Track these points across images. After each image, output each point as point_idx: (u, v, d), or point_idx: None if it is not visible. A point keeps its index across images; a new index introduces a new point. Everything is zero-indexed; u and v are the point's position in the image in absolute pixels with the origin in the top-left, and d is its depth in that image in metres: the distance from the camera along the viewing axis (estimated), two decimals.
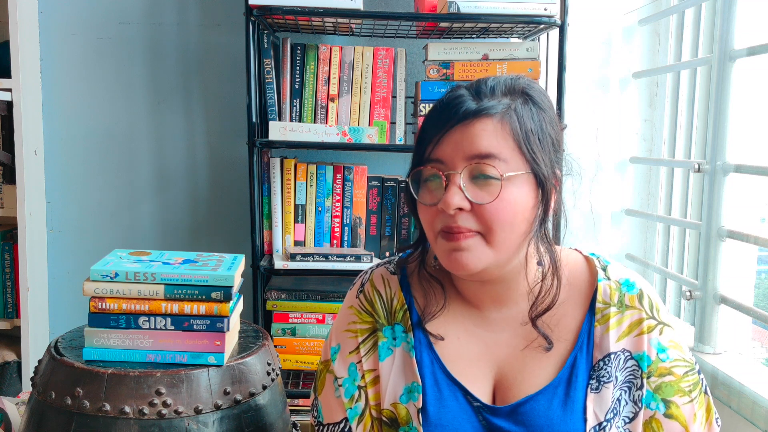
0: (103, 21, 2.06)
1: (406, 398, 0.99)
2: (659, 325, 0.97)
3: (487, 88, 0.94)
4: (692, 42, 1.95)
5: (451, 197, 0.90)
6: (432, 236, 0.95)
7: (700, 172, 1.68)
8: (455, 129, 0.92)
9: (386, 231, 1.93)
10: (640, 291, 0.99)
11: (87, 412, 1.03)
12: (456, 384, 0.98)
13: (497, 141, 0.91)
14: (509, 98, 0.94)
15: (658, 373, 0.95)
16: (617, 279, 0.99)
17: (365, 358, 1.02)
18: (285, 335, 1.84)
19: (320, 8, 1.72)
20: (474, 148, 0.90)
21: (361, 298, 1.06)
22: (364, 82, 1.86)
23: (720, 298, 1.64)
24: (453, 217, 0.90)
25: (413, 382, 0.99)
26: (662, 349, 0.96)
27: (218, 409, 1.07)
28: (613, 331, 0.96)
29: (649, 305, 0.98)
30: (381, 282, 1.06)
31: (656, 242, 2.11)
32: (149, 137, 2.11)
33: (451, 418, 0.97)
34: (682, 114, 1.99)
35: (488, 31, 1.91)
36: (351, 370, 1.02)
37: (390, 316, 1.03)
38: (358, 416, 1.01)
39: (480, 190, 0.91)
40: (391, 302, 1.04)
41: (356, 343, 1.03)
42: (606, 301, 0.98)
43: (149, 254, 1.21)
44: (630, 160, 2.13)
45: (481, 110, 0.91)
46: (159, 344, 1.11)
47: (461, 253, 0.91)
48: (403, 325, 1.02)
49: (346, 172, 1.90)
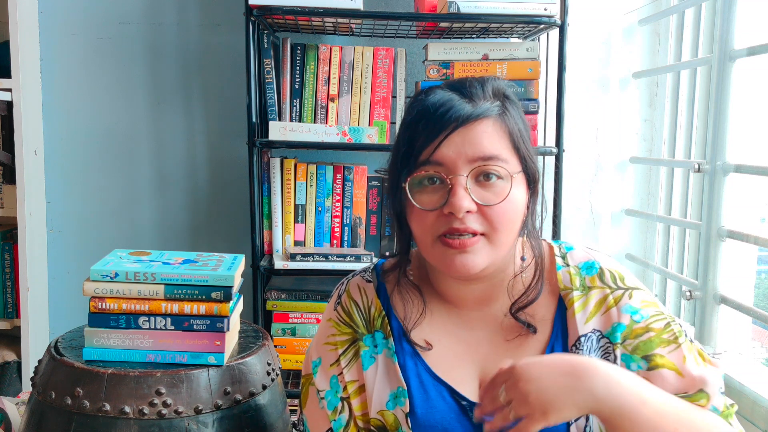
0: (103, 21, 2.06)
1: (393, 404, 0.99)
2: (627, 291, 0.97)
3: (477, 90, 0.95)
4: (692, 42, 1.95)
5: (459, 200, 0.90)
6: (429, 241, 0.94)
7: (700, 172, 1.68)
8: (456, 132, 0.91)
9: (386, 231, 1.93)
10: (600, 268, 1.00)
11: (87, 412, 1.03)
12: (442, 384, 0.99)
13: (498, 142, 0.92)
14: (498, 99, 0.95)
15: (633, 335, 0.94)
16: (576, 264, 1.01)
17: (346, 369, 1.02)
18: (285, 335, 1.84)
19: (320, 8, 1.72)
20: (478, 150, 0.91)
21: (339, 310, 1.06)
22: (364, 82, 1.86)
23: (720, 298, 1.64)
24: (460, 219, 0.90)
25: (398, 388, 0.99)
26: (635, 311, 0.96)
27: (218, 409, 1.07)
28: (579, 314, 0.97)
29: (611, 279, 0.99)
30: (357, 291, 1.06)
31: (656, 242, 2.11)
32: (149, 137, 2.11)
33: (440, 418, 0.97)
34: (682, 114, 1.99)
35: (488, 31, 1.91)
36: (332, 383, 1.02)
37: (369, 325, 1.04)
38: (343, 428, 1.01)
39: (485, 192, 0.92)
40: (369, 310, 1.04)
41: (336, 356, 1.03)
42: (567, 286, 0.99)
43: (149, 254, 1.21)
44: (630, 160, 2.13)
45: (479, 113, 0.92)
46: (159, 344, 1.11)
47: (465, 256, 0.91)
48: (383, 332, 1.02)
49: (346, 172, 1.90)
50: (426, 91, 0.98)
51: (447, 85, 0.97)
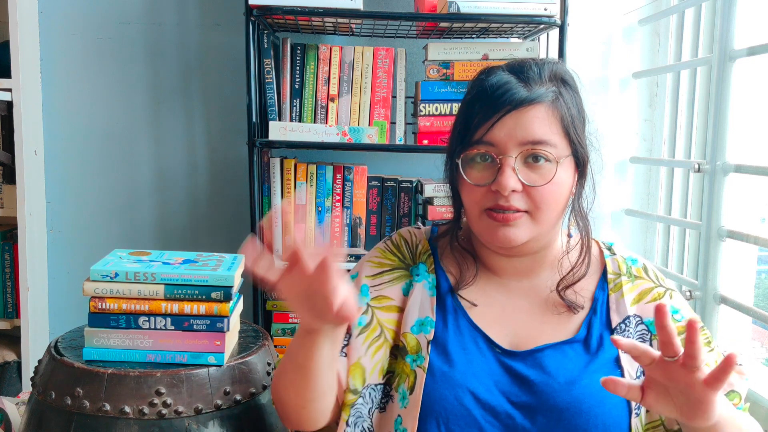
0: (103, 21, 2.06)
1: (418, 330, 1.03)
2: (667, 290, 1.06)
3: (534, 74, 0.98)
4: (692, 42, 1.95)
5: (506, 180, 0.95)
6: (476, 213, 1.00)
7: (700, 172, 1.68)
8: (509, 115, 0.96)
9: (386, 231, 1.93)
10: (644, 265, 1.09)
11: (87, 412, 1.03)
12: (478, 332, 1.02)
13: (549, 127, 0.97)
14: (554, 84, 0.99)
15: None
16: (622, 255, 1.09)
17: (384, 285, 1.07)
18: (285, 335, 1.84)
19: (320, 8, 1.72)
20: (528, 134, 0.96)
21: (387, 243, 1.13)
22: (364, 82, 1.86)
23: (720, 298, 1.64)
24: (505, 197, 0.96)
25: (427, 317, 1.03)
26: (676, 311, 1.04)
27: (218, 409, 1.07)
28: (628, 296, 1.05)
29: (654, 276, 1.08)
30: (408, 233, 1.13)
31: (656, 242, 2.11)
32: (149, 137, 2.11)
33: (472, 358, 1.00)
34: (682, 114, 1.99)
35: (488, 31, 1.91)
36: (363, 289, 1.08)
37: (415, 257, 1.10)
38: (362, 326, 1.05)
39: (532, 173, 0.97)
40: (417, 247, 1.11)
41: (375, 271, 1.09)
42: (616, 272, 1.07)
43: (149, 254, 1.21)
44: (630, 160, 2.13)
45: (534, 98, 0.96)
46: (159, 344, 1.11)
47: (508, 229, 0.97)
48: (426, 266, 1.08)
49: (346, 172, 1.90)
50: (488, 70, 1.02)
51: (507, 67, 1.01)
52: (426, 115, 1.85)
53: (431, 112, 1.85)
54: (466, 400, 0.97)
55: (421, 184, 1.93)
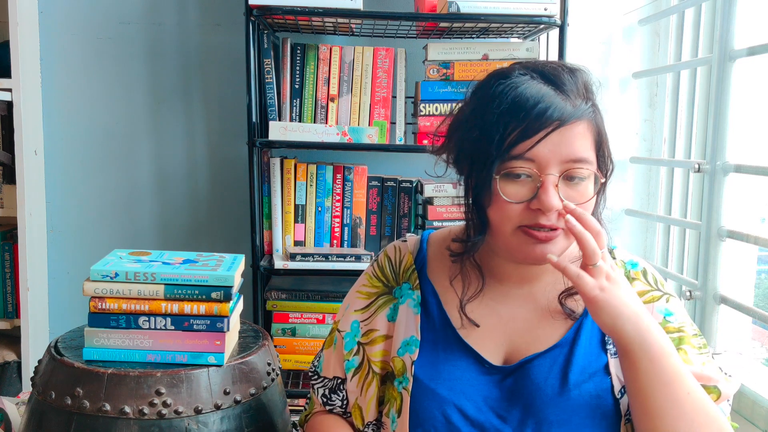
0: (103, 21, 2.06)
1: (403, 351, 1.03)
2: (665, 294, 1.04)
3: (572, 86, 0.94)
4: (692, 42, 1.95)
5: (550, 199, 0.91)
6: (508, 230, 0.95)
7: (700, 172, 1.68)
8: (555, 132, 0.91)
9: (386, 231, 1.93)
10: (644, 269, 1.06)
11: (87, 412, 1.03)
12: (466, 347, 1.01)
13: (588, 144, 0.94)
14: (589, 97, 0.96)
15: (666, 332, 0.96)
16: (622, 259, 1.06)
17: (372, 317, 1.08)
18: (285, 335, 1.84)
19: (320, 8, 1.72)
20: (571, 152, 0.92)
21: (374, 267, 1.13)
22: (364, 82, 1.86)
23: (720, 298, 1.64)
24: (546, 216, 0.92)
25: (411, 336, 1.03)
26: (669, 313, 1.02)
27: (218, 409, 1.07)
28: None
29: (653, 280, 1.05)
30: (393, 250, 1.13)
31: (656, 242, 2.11)
32: (149, 137, 2.11)
33: (460, 375, 1.00)
34: (682, 114, 1.99)
35: (488, 31, 1.91)
36: (353, 326, 1.09)
37: (398, 277, 1.09)
38: (354, 368, 1.07)
39: (570, 191, 0.93)
40: (400, 264, 1.10)
41: (363, 303, 1.10)
42: None
43: (149, 254, 1.21)
44: (630, 160, 2.13)
45: (578, 115, 0.93)
46: (159, 344, 1.11)
47: (545, 246, 0.94)
48: (410, 283, 1.07)
49: (346, 172, 1.90)
50: (509, 74, 0.95)
51: (537, 73, 0.95)
52: (426, 115, 1.85)
53: (431, 112, 1.85)
54: (455, 417, 0.97)
55: (421, 184, 1.93)
